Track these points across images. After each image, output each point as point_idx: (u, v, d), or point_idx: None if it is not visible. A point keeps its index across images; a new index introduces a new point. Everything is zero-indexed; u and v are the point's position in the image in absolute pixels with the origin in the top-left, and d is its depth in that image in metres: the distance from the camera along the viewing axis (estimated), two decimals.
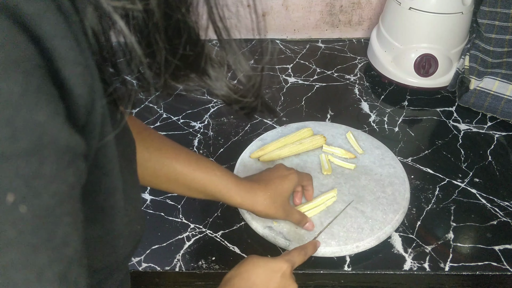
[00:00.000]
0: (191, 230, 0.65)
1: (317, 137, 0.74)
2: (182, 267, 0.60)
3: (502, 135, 0.82)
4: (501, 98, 0.83)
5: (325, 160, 0.72)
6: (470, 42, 0.91)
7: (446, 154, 0.77)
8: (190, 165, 0.50)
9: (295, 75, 0.99)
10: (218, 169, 0.52)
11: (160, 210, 0.68)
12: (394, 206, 0.64)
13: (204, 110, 0.88)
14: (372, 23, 1.11)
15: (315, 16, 1.10)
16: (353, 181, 0.69)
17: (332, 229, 0.61)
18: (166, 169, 0.49)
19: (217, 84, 0.28)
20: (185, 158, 0.50)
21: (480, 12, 0.88)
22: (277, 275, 0.46)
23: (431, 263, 0.60)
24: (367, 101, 0.90)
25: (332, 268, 0.60)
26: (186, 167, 0.50)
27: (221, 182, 0.51)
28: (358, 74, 0.99)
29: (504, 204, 0.68)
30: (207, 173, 0.50)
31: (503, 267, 0.59)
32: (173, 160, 0.49)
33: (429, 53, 0.88)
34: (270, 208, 0.54)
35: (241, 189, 0.52)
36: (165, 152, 0.49)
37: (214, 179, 0.51)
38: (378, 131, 0.83)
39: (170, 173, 0.49)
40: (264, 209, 0.54)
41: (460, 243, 0.62)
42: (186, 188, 0.51)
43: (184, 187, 0.51)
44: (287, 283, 0.47)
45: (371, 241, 0.60)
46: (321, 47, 1.09)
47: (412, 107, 0.89)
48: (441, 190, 0.70)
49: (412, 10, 0.87)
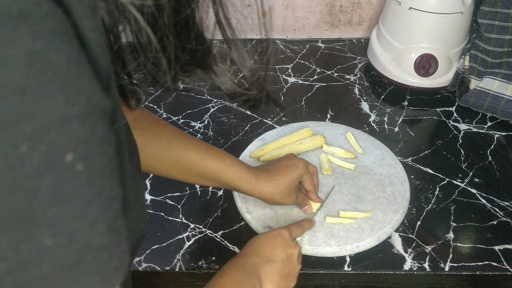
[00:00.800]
0: (191, 230, 0.65)
1: (317, 137, 0.74)
2: (182, 267, 0.60)
3: (502, 135, 0.82)
4: (501, 98, 0.83)
5: (325, 160, 0.72)
6: (470, 42, 0.91)
7: (446, 154, 0.77)
8: (202, 154, 0.52)
9: (295, 75, 0.99)
10: (228, 158, 0.54)
11: (160, 210, 0.68)
12: (394, 206, 0.64)
13: (204, 110, 0.88)
14: (372, 23, 1.11)
15: (315, 16, 1.10)
16: (353, 181, 0.69)
17: (332, 229, 0.61)
18: (178, 159, 0.51)
19: (221, 79, 0.29)
20: (196, 148, 0.52)
21: (480, 12, 0.88)
22: (278, 238, 0.51)
23: (431, 263, 0.60)
24: (367, 101, 0.90)
25: (332, 268, 0.60)
26: (198, 156, 0.52)
27: (231, 171, 0.53)
28: (358, 74, 0.99)
29: (504, 204, 0.68)
30: (218, 162, 0.53)
31: (503, 267, 0.59)
32: (185, 149, 0.51)
33: (429, 53, 0.88)
34: (277, 195, 0.56)
35: (251, 177, 0.54)
36: (177, 143, 0.51)
37: (224, 167, 0.53)
38: (378, 131, 0.83)
39: (182, 162, 0.51)
40: (273, 196, 0.56)
41: (460, 243, 0.62)
42: (197, 176, 0.53)
43: (196, 176, 0.53)
44: (288, 244, 0.51)
45: (371, 241, 0.60)
46: (321, 47, 1.09)
47: (412, 107, 0.89)
48: (441, 190, 0.70)
49: (412, 10, 0.87)
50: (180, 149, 0.51)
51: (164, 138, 0.50)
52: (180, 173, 0.52)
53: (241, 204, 0.65)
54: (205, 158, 0.52)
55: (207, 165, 0.52)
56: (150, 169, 0.51)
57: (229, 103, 0.89)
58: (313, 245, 0.59)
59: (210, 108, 0.88)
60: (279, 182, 0.56)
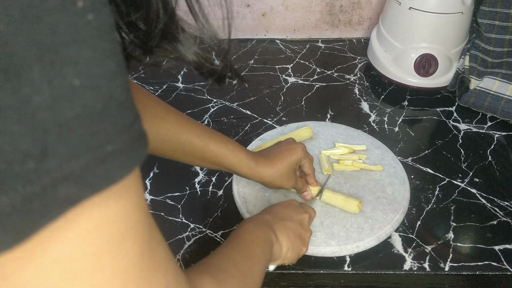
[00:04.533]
0: (191, 230, 0.65)
1: (304, 129, 0.76)
2: (182, 267, 0.60)
3: (502, 135, 0.82)
4: (501, 98, 0.83)
5: (325, 160, 0.72)
6: (470, 42, 0.91)
7: (446, 154, 0.77)
8: (205, 138, 0.54)
9: (295, 75, 0.99)
10: (230, 143, 0.56)
11: (160, 210, 0.68)
12: (394, 206, 0.64)
13: (204, 110, 0.88)
14: (372, 23, 1.11)
15: (315, 16, 1.10)
16: (353, 181, 0.69)
17: (332, 229, 0.61)
18: (183, 142, 0.53)
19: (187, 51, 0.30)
20: (200, 132, 0.54)
21: (480, 12, 0.88)
22: (290, 204, 0.55)
23: (431, 263, 0.60)
24: (367, 101, 0.90)
25: (332, 268, 0.60)
26: (201, 140, 0.54)
27: (233, 155, 0.55)
28: (358, 74, 0.99)
29: (504, 204, 0.68)
30: (221, 147, 0.55)
31: (503, 267, 0.59)
32: (189, 134, 0.53)
33: (429, 53, 0.88)
34: (277, 179, 0.58)
35: (250, 162, 0.56)
36: (182, 126, 0.53)
37: (226, 152, 0.55)
38: (378, 131, 0.83)
39: (186, 146, 0.53)
40: (272, 180, 0.58)
41: (460, 243, 0.62)
42: (200, 159, 0.55)
43: (199, 159, 0.55)
44: (299, 209, 0.55)
45: (371, 241, 0.60)
46: (321, 47, 1.09)
47: (412, 107, 0.89)
48: (441, 190, 0.70)
49: (412, 10, 0.87)
50: (184, 134, 0.53)
51: (170, 121, 0.52)
52: (184, 155, 0.54)
53: (241, 204, 0.65)
54: (208, 143, 0.54)
55: (210, 149, 0.54)
56: (159, 151, 0.53)
57: (229, 103, 0.89)
58: (313, 245, 0.59)
59: (210, 108, 0.88)
60: (278, 166, 0.58)
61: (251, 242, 0.45)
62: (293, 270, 0.59)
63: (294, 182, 0.61)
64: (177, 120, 0.53)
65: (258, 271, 0.43)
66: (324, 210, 0.64)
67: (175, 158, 0.55)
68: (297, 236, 0.52)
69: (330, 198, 0.63)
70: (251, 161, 0.56)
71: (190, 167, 0.74)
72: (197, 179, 0.73)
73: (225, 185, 0.71)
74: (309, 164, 0.63)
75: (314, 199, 0.65)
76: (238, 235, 0.45)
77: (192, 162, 0.56)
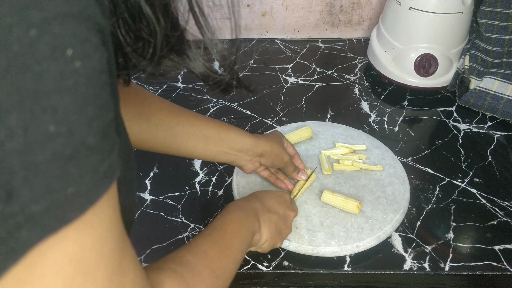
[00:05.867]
0: (191, 230, 0.65)
1: (304, 129, 0.76)
2: None
3: (502, 135, 0.82)
4: (501, 98, 0.83)
5: (325, 160, 0.72)
6: (470, 42, 0.91)
7: (446, 154, 0.77)
8: (210, 121, 0.57)
9: (295, 75, 0.99)
10: (231, 127, 0.59)
11: (160, 210, 0.68)
12: (394, 206, 0.64)
13: (204, 110, 0.88)
14: (372, 23, 1.11)
15: (315, 16, 1.10)
16: (353, 181, 0.69)
17: (332, 229, 0.61)
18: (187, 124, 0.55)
19: (195, 64, 0.32)
20: (202, 117, 0.57)
21: (480, 12, 0.88)
22: (281, 197, 0.57)
23: (431, 263, 0.60)
24: (367, 101, 0.90)
25: (332, 268, 0.60)
26: (205, 120, 0.57)
27: (235, 130, 0.58)
28: (358, 74, 0.99)
29: (504, 204, 0.68)
30: (223, 124, 0.58)
31: (503, 267, 0.59)
32: (195, 118, 0.56)
33: (429, 53, 0.88)
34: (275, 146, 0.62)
35: (250, 136, 0.60)
36: (183, 118, 0.55)
37: (229, 127, 0.58)
38: (378, 131, 0.83)
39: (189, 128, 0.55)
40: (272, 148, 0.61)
41: (460, 243, 0.62)
42: (203, 138, 0.57)
43: (202, 137, 0.57)
44: (288, 205, 0.57)
45: (371, 241, 0.60)
46: (321, 47, 1.09)
47: (412, 107, 0.89)
48: (441, 190, 0.70)
49: (412, 10, 0.87)
50: (187, 124, 0.55)
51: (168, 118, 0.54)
52: (188, 136, 0.56)
53: None
54: (207, 122, 0.57)
55: (210, 125, 0.56)
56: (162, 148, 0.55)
57: (229, 103, 0.89)
58: (313, 245, 0.59)
59: (210, 108, 0.88)
60: (272, 139, 0.62)
61: (232, 238, 0.45)
62: (293, 270, 0.59)
63: (287, 156, 0.64)
64: (180, 113, 0.56)
65: (232, 269, 0.43)
66: (324, 210, 0.64)
67: (177, 142, 0.55)
68: (278, 230, 0.54)
69: (330, 199, 0.63)
70: (250, 136, 0.59)
71: (190, 167, 0.74)
72: (197, 179, 0.73)
73: (225, 185, 0.71)
74: (291, 146, 0.68)
75: (296, 195, 0.66)
76: (221, 226, 0.45)
77: (193, 146, 0.56)
